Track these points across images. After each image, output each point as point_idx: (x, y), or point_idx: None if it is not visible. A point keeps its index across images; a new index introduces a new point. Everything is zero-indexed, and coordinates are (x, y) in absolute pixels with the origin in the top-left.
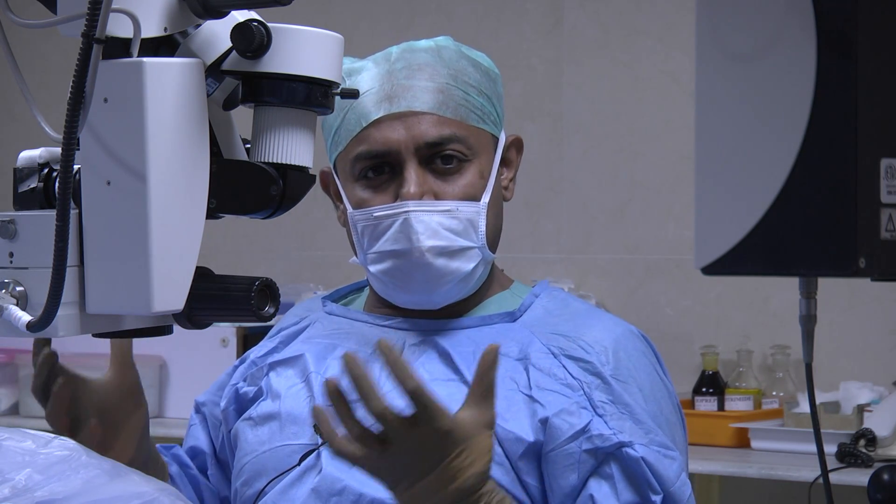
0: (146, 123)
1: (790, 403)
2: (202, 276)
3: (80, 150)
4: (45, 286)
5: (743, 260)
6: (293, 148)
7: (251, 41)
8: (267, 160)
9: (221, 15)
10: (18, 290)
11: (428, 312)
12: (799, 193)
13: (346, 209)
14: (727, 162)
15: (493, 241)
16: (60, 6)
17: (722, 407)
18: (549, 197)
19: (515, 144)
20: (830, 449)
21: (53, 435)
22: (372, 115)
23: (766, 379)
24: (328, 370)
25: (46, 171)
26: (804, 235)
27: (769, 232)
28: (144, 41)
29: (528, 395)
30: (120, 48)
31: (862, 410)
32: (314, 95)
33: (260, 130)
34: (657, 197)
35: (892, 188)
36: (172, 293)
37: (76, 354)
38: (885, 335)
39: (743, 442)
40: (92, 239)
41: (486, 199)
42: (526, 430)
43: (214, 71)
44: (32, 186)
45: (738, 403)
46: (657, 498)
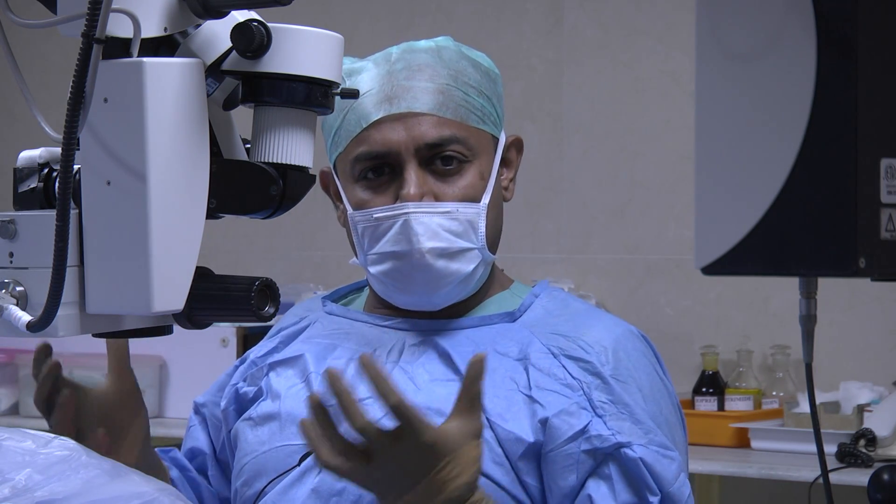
0: (146, 123)
1: (790, 403)
2: (202, 276)
3: (80, 150)
4: (45, 286)
5: (743, 260)
6: (293, 148)
7: (251, 41)
8: (267, 160)
9: (221, 15)
10: (18, 290)
11: (428, 313)
12: (799, 193)
13: (346, 210)
14: (727, 162)
15: (493, 241)
16: (60, 6)
17: (722, 407)
18: (549, 197)
19: (515, 145)
20: (830, 449)
21: (53, 435)
22: (372, 116)
23: (766, 379)
24: None
25: (46, 171)
26: (804, 235)
27: (769, 232)
28: (144, 41)
29: (527, 395)
30: (120, 48)
31: (862, 410)
32: (314, 95)
33: (260, 130)
34: (657, 197)
35: (892, 188)
36: (172, 293)
37: (76, 354)
38: (885, 335)
39: (743, 442)
40: (92, 239)
41: (486, 200)
42: (526, 430)
43: (214, 71)
44: (32, 186)
45: (738, 403)
46: (654, 499)
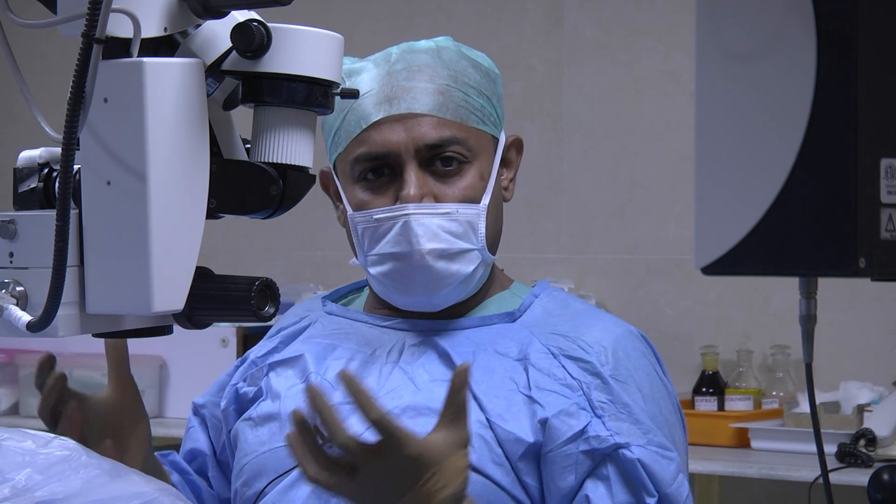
0: (146, 123)
1: (790, 403)
2: (202, 276)
3: (80, 150)
4: (45, 286)
5: (743, 260)
6: (293, 148)
7: (251, 41)
8: (267, 160)
9: (221, 15)
10: (18, 290)
11: (427, 313)
12: (799, 193)
13: (345, 210)
14: (727, 162)
15: (493, 242)
16: (60, 6)
17: (722, 407)
18: (549, 197)
19: (515, 145)
20: (830, 449)
21: (53, 435)
22: (372, 116)
23: (766, 379)
24: (328, 370)
25: (46, 171)
26: (804, 235)
27: (769, 232)
28: (144, 41)
29: (527, 395)
30: (120, 48)
31: (862, 410)
32: (314, 95)
33: (260, 130)
34: (657, 197)
35: (892, 188)
36: (172, 293)
37: (76, 354)
38: (885, 335)
39: (743, 442)
40: (92, 239)
41: (485, 200)
42: (526, 430)
43: (214, 71)
44: (32, 186)
45: (738, 403)
46: (652, 500)
